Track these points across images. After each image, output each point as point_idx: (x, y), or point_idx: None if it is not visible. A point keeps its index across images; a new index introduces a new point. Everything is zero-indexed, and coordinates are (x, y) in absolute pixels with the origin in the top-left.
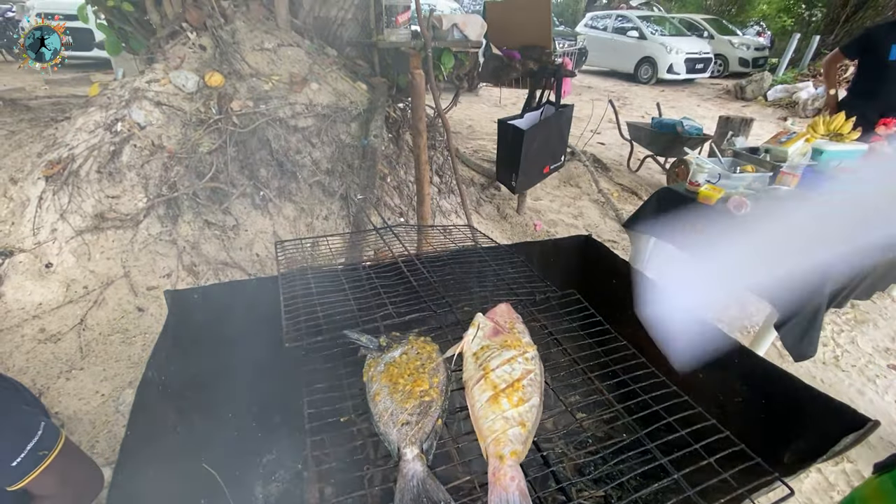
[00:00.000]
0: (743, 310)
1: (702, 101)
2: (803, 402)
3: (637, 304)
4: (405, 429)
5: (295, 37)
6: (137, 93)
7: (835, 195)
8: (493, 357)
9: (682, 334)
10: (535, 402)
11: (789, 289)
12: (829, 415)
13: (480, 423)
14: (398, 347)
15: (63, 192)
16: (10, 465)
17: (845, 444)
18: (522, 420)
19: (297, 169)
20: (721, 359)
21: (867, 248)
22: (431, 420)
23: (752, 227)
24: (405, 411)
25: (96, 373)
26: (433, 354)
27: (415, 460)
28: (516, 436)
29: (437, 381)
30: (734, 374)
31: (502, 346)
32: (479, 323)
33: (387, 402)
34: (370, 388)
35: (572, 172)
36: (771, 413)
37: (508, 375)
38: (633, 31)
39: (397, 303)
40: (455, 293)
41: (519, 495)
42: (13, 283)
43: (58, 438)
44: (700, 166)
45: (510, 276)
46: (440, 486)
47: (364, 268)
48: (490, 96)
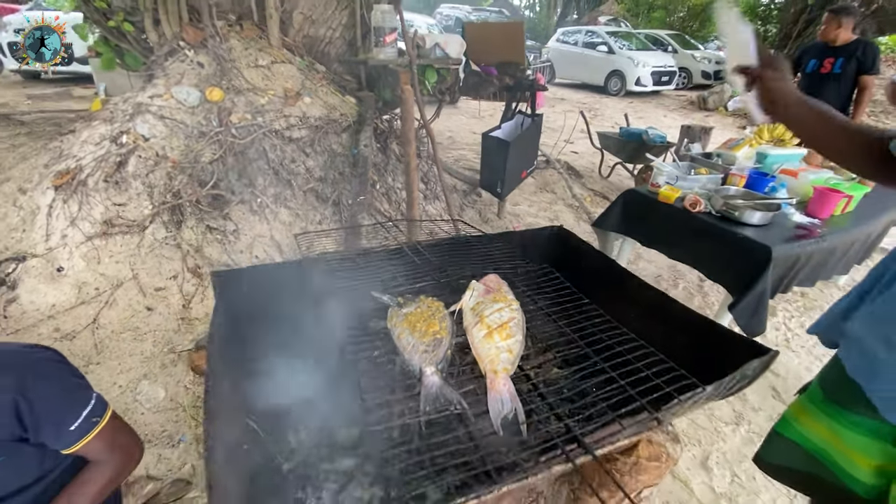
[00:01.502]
0: (705, 298)
1: (668, 112)
2: (726, 342)
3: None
4: (425, 355)
5: (287, 54)
6: (141, 107)
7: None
8: (486, 308)
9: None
10: (518, 338)
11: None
12: (744, 349)
13: (480, 351)
14: (413, 304)
15: (73, 201)
16: (69, 430)
17: (753, 367)
18: (510, 348)
19: (291, 177)
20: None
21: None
22: (443, 349)
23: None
24: (423, 344)
25: (112, 367)
26: (441, 309)
27: (433, 374)
28: (506, 358)
29: (446, 325)
30: (675, 325)
31: (493, 301)
32: (474, 286)
33: (409, 338)
34: (395, 331)
35: (548, 179)
36: (703, 350)
37: (498, 319)
38: (602, 45)
39: (406, 276)
40: (452, 268)
41: (509, 396)
42: (27, 286)
43: (107, 408)
44: (659, 170)
45: (496, 256)
46: (454, 390)
47: (374, 252)
48: (468, 108)
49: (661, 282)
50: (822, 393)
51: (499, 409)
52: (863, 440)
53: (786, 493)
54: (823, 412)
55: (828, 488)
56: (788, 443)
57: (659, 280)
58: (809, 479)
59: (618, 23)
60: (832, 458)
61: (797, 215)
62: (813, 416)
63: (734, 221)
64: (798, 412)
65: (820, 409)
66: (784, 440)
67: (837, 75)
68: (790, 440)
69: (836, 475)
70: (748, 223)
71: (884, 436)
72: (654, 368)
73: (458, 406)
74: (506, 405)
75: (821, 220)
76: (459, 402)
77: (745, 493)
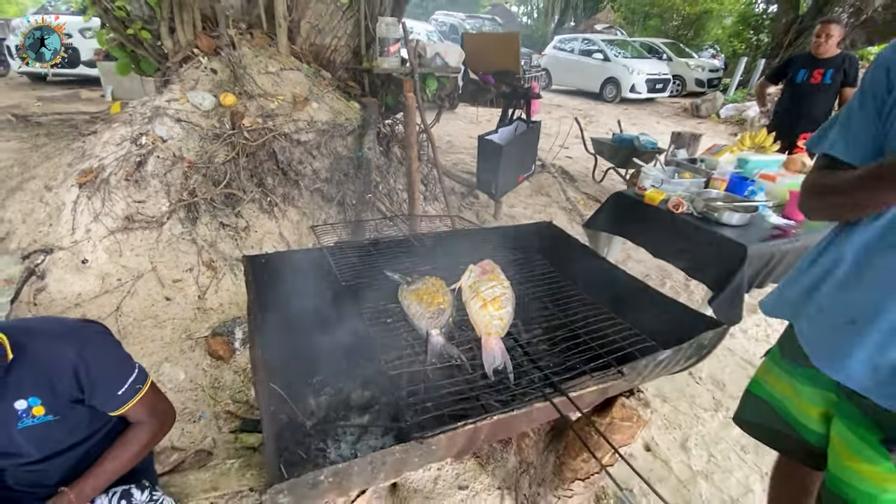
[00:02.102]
0: (690, 296)
1: (661, 119)
2: (687, 318)
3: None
4: (430, 320)
5: (295, 62)
6: (159, 110)
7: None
8: (482, 285)
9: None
10: (509, 309)
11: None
12: (702, 323)
13: (476, 319)
14: (419, 282)
15: (96, 198)
16: (117, 394)
17: (709, 338)
18: (501, 317)
19: (299, 178)
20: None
21: None
22: (446, 317)
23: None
24: (429, 311)
25: (135, 351)
26: (443, 286)
27: (437, 335)
28: (498, 325)
29: (448, 298)
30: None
31: (488, 280)
32: (471, 268)
33: (417, 307)
34: (404, 302)
35: (543, 183)
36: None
37: (491, 294)
38: (597, 53)
39: (413, 261)
40: (452, 256)
41: (500, 351)
42: (55, 276)
43: (148, 377)
44: (646, 173)
45: (491, 246)
46: (455, 347)
47: (384, 241)
48: (466, 114)
49: (649, 280)
50: (780, 352)
51: (491, 361)
52: (810, 390)
53: (757, 469)
54: (783, 370)
55: (791, 442)
56: (758, 400)
57: (647, 279)
58: (774, 433)
59: (614, 31)
60: (791, 413)
61: (774, 217)
62: (775, 375)
63: (714, 222)
64: (764, 372)
65: (780, 366)
66: (754, 398)
67: (827, 86)
68: (759, 398)
69: (793, 428)
70: (727, 224)
71: (821, 384)
72: (622, 334)
73: (458, 359)
74: (497, 359)
75: (796, 221)
76: (459, 357)
77: (720, 470)
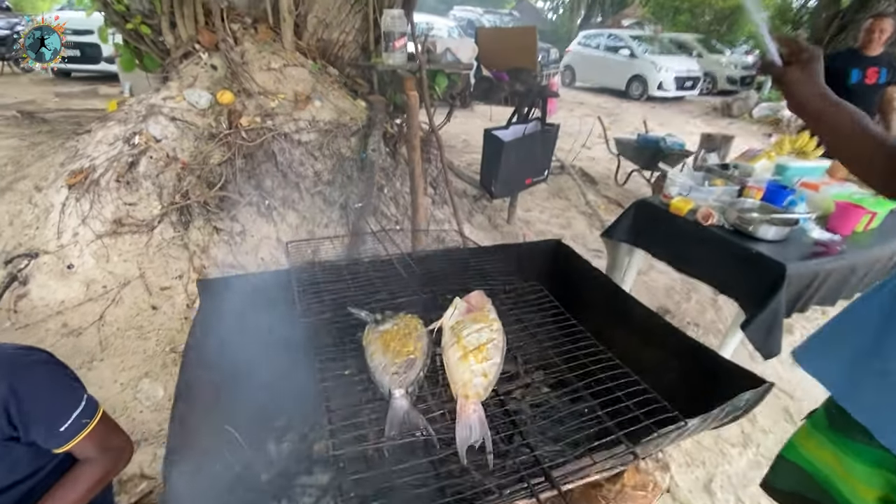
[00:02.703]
0: (718, 313)
1: (690, 118)
2: (720, 370)
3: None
4: (395, 377)
5: (299, 57)
6: (154, 108)
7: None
8: (465, 328)
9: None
10: (496, 361)
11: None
12: (738, 378)
13: (453, 374)
14: (390, 321)
15: (85, 200)
16: (59, 430)
17: (746, 399)
18: (485, 372)
19: (299, 180)
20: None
21: None
22: (415, 372)
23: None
24: (395, 365)
25: (115, 364)
26: (418, 327)
27: (401, 398)
28: (479, 383)
29: (421, 345)
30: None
31: (473, 320)
32: (457, 304)
33: (381, 358)
34: (368, 349)
35: (561, 185)
36: (695, 378)
37: (476, 341)
38: (624, 49)
39: (391, 290)
40: (439, 283)
41: (478, 423)
42: (38, 281)
43: (97, 409)
44: (672, 180)
45: (487, 270)
46: (421, 416)
47: (363, 263)
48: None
49: (672, 294)
50: (826, 419)
51: (466, 436)
52: (866, 469)
53: None
54: (828, 439)
55: None
56: (794, 467)
57: (671, 292)
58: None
59: (641, 26)
60: (836, 487)
61: (816, 231)
62: (818, 443)
63: (748, 236)
64: (803, 437)
65: (825, 435)
66: (790, 465)
67: (880, 86)
68: (796, 465)
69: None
70: (763, 238)
71: (887, 465)
72: (637, 398)
73: (424, 432)
74: (474, 433)
75: (842, 236)
76: (426, 428)
77: None
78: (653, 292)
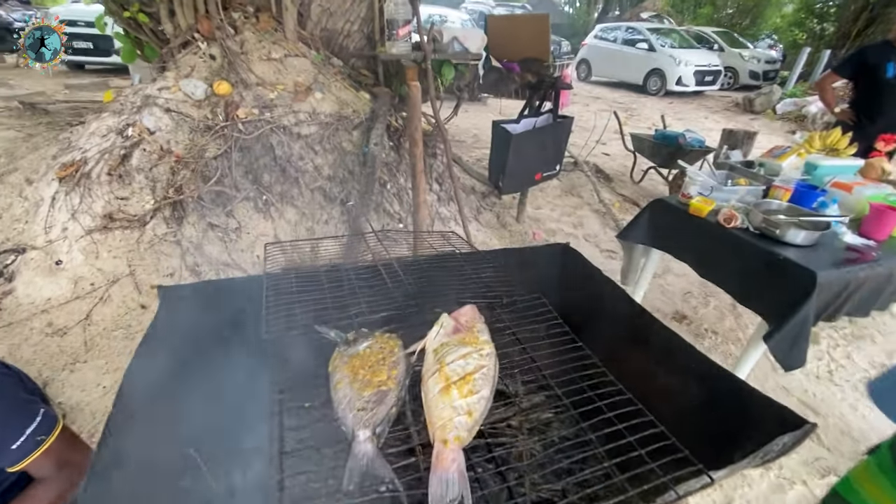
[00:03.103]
0: (738, 320)
1: (710, 114)
2: (750, 405)
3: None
4: (360, 414)
5: (302, 47)
6: (149, 99)
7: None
8: (450, 353)
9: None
10: (484, 395)
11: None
12: (771, 417)
13: (431, 411)
14: (363, 342)
15: (75, 193)
16: (11, 448)
17: (783, 443)
18: (470, 409)
19: (299, 175)
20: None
21: None
22: (386, 408)
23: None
24: (362, 399)
25: (99, 366)
26: (395, 349)
27: (366, 441)
28: (462, 423)
29: (396, 373)
30: (688, 377)
31: (460, 343)
32: (443, 322)
33: (346, 389)
34: (333, 377)
35: (574, 182)
36: (721, 414)
37: (461, 369)
38: (642, 42)
39: (372, 302)
40: (428, 295)
41: (458, 476)
42: (24, 278)
43: (55, 425)
44: (692, 179)
45: (484, 279)
46: (387, 465)
47: (344, 269)
48: (497, 105)
49: (690, 299)
50: (892, 460)
51: (441, 493)
52: None
53: None
54: (893, 483)
55: None
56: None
57: (688, 297)
58: None
59: (661, 19)
60: None
61: (849, 235)
62: (880, 486)
63: (775, 240)
64: (863, 477)
65: (889, 478)
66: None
67: None
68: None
69: None
70: (790, 243)
71: None
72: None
73: (390, 485)
74: (451, 488)
75: (877, 241)
76: (392, 482)
77: None
78: (669, 296)
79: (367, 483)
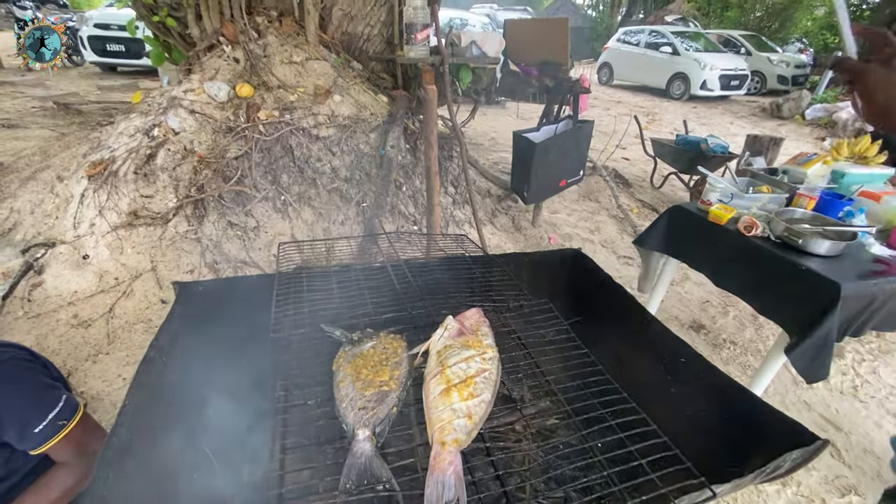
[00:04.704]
0: (758, 331)
1: (735, 119)
2: (760, 418)
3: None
4: (361, 413)
5: (322, 51)
6: (174, 101)
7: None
8: (453, 355)
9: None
10: (485, 398)
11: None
12: (782, 432)
13: (431, 412)
14: (368, 342)
15: (102, 191)
16: (33, 432)
17: (792, 459)
18: (470, 412)
19: (316, 176)
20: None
21: None
22: (387, 408)
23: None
24: (363, 398)
25: (120, 358)
26: (399, 350)
27: (365, 441)
28: (461, 426)
29: (398, 373)
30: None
31: (463, 346)
32: (448, 324)
33: (348, 388)
34: (336, 376)
35: (592, 187)
36: (729, 427)
37: (463, 372)
38: (666, 46)
39: (379, 303)
40: (435, 297)
41: (454, 478)
42: (53, 271)
43: (76, 411)
44: (713, 185)
45: (491, 283)
46: (385, 465)
47: (355, 270)
48: (514, 108)
49: (708, 308)
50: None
51: (437, 494)
52: None
53: None
54: None
55: None
56: None
57: (706, 306)
58: None
59: (686, 22)
60: None
61: (876, 246)
62: None
63: (797, 250)
64: None
65: None
66: None
67: None
68: None
69: None
70: (814, 253)
71: None
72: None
73: (387, 485)
74: (447, 491)
75: None
76: (389, 482)
77: None
78: (686, 304)
79: (364, 482)
